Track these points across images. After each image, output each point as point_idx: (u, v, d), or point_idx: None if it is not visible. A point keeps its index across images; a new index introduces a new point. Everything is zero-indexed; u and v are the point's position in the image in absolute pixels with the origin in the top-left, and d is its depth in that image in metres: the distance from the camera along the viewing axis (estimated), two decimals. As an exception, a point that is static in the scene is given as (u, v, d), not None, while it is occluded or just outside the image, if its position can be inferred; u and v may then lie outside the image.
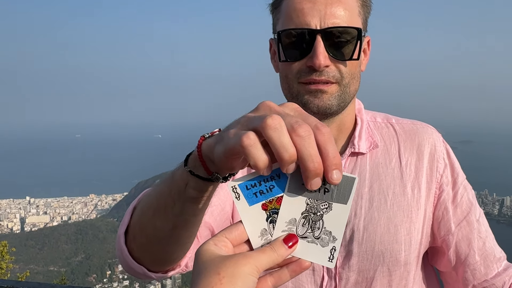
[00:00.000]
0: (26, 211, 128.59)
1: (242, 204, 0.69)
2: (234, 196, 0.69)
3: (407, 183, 1.28)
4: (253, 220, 0.69)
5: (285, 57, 1.18)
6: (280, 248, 0.67)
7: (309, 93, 1.18)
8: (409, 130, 1.35)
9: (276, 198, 0.69)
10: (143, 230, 1.03)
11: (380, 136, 1.35)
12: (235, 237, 0.69)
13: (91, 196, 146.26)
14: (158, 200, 0.97)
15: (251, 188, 0.69)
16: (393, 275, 1.25)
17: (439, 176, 1.30)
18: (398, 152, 1.32)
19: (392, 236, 1.24)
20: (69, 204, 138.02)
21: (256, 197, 0.69)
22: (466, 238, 1.28)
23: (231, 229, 0.69)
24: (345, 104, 1.23)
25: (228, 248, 0.68)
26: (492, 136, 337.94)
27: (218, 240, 0.67)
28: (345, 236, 1.25)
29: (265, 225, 0.69)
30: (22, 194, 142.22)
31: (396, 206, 1.26)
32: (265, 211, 0.69)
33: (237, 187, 0.69)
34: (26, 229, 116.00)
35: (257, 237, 0.69)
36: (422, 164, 1.30)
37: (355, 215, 1.26)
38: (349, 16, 1.16)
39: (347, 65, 1.18)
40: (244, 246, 0.70)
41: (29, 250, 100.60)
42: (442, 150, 1.33)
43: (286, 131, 0.61)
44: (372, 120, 1.38)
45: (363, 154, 1.31)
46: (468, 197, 1.31)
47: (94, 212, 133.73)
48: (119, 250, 1.10)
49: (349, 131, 1.33)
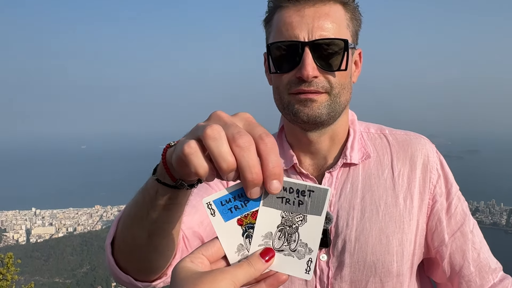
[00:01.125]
0: (31, 222, 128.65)
1: (217, 220, 0.69)
2: (209, 213, 0.69)
3: (400, 194, 1.28)
4: (229, 236, 0.69)
5: (276, 69, 1.21)
6: (257, 262, 0.67)
7: (299, 103, 1.20)
8: (402, 140, 1.36)
9: (251, 213, 0.69)
10: (124, 239, 1.04)
11: (373, 147, 1.35)
12: (212, 254, 0.68)
13: (97, 207, 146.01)
14: (135, 209, 0.98)
15: (225, 203, 0.69)
16: (385, 286, 1.25)
17: (432, 186, 1.30)
18: (391, 162, 1.32)
19: (384, 247, 1.24)
20: (75, 215, 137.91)
21: (231, 212, 0.69)
22: (460, 249, 1.28)
23: (208, 246, 0.69)
24: (336, 114, 1.24)
25: (205, 264, 0.67)
26: (498, 145, 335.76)
27: (195, 257, 0.67)
28: (337, 247, 1.26)
29: (241, 241, 0.69)
30: (28, 205, 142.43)
31: (388, 217, 1.26)
32: (240, 226, 0.69)
33: (212, 203, 0.69)
34: (31, 241, 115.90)
35: (234, 252, 0.69)
36: (415, 175, 1.30)
37: (347, 226, 1.26)
38: (337, 29, 1.19)
39: (336, 75, 1.20)
40: (221, 262, 0.70)
41: (35, 261, 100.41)
42: (436, 160, 1.33)
43: (225, 140, 0.62)
44: (365, 130, 1.39)
45: (356, 164, 1.31)
46: (462, 208, 1.31)
47: (99, 223, 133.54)
48: (107, 260, 1.11)
49: (342, 142, 1.34)
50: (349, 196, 1.29)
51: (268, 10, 1.29)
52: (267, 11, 1.29)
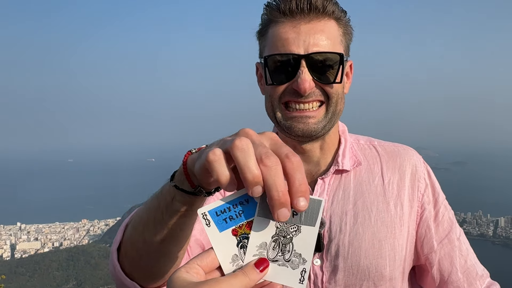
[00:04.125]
0: (16, 237, 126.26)
1: (212, 230, 0.69)
2: (205, 223, 0.69)
3: (390, 200, 1.31)
4: (224, 246, 0.69)
5: (272, 81, 1.22)
6: (252, 272, 0.67)
7: (292, 119, 1.23)
8: (391, 151, 1.40)
9: (246, 223, 0.69)
10: (134, 244, 1.04)
11: (363, 157, 1.39)
12: (207, 264, 0.68)
13: (84, 221, 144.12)
14: (148, 214, 0.99)
15: (221, 214, 0.69)
16: None
17: (421, 195, 1.34)
18: (381, 171, 1.36)
19: (376, 251, 1.26)
20: (61, 230, 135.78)
21: (226, 223, 0.69)
22: (448, 256, 1.32)
23: (203, 256, 0.69)
24: (331, 125, 1.27)
25: (200, 275, 0.67)
26: (485, 156, 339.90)
27: (190, 268, 0.67)
28: (330, 252, 1.28)
29: (236, 251, 0.69)
30: (13, 219, 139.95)
31: (380, 222, 1.29)
32: (235, 237, 0.69)
33: (207, 213, 0.69)
34: (16, 256, 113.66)
35: (229, 263, 0.69)
36: (404, 183, 1.34)
37: (340, 231, 1.28)
38: (332, 44, 1.21)
39: (332, 87, 1.22)
40: (216, 272, 0.70)
41: (19, 277, 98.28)
42: (423, 170, 1.37)
43: (252, 153, 0.63)
44: (355, 142, 1.43)
45: (347, 171, 1.34)
46: (448, 215, 1.35)
47: (86, 237, 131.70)
48: (112, 266, 1.11)
49: (333, 151, 1.37)
50: (342, 202, 1.31)
51: (262, 22, 1.29)
52: (261, 23, 1.30)
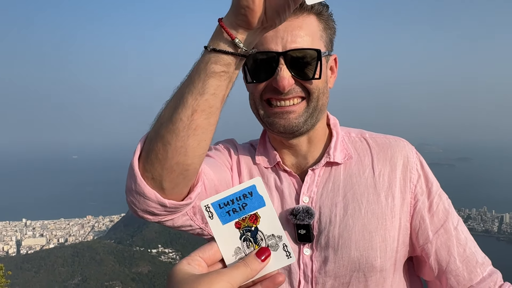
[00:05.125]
0: (22, 233, 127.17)
1: (215, 223, 0.70)
2: (207, 216, 0.70)
3: (381, 192, 1.31)
4: (226, 238, 0.70)
5: (252, 79, 1.23)
6: (253, 262, 0.67)
7: (274, 115, 1.25)
8: (382, 143, 1.38)
9: (249, 216, 0.70)
10: (159, 131, 1.03)
11: (354, 149, 1.38)
12: (209, 256, 0.69)
13: (88, 217, 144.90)
14: (179, 92, 1.01)
15: (224, 206, 0.70)
16: (369, 281, 1.27)
17: (413, 186, 1.32)
18: (372, 163, 1.35)
19: (367, 242, 1.26)
20: (66, 226, 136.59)
21: (229, 215, 0.70)
22: (445, 245, 1.30)
23: (205, 248, 0.69)
24: (315, 120, 1.29)
25: (202, 267, 0.67)
26: (490, 152, 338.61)
27: (192, 260, 0.67)
28: (320, 243, 1.28)
29: (238, 244, 0.70)
30: (19, 216, 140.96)
31: (370, 214, 1.28)
32: (238, 230, 0.70)
33: (210, 206, 0.70)
34: (22, 252, 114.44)
35: (231, 255, 0.70)
36: (395, 175, 1.33)
37: (330, 223, 1.28)
38: (310, 40, 1.22)
39: (312, 83, 1.23)
40: (218, 265, 0.70)
41: (25, 273, 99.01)
42: (415, 161, 1.35)
43: None
44: (346, 135, 1.42)
45: (338, 164, 1.35)
46: (444, 205, 1.33)
47: (91, 234, 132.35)
48: (131, 178, 1.09)
49: (322, 143, 1.38)
50: (331, 194, 1.31)
51: None
52: None
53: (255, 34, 0.94)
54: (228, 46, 0.93)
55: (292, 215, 1.27)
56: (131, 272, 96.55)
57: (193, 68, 0.99)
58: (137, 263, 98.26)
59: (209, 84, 0.95)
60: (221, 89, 0.97)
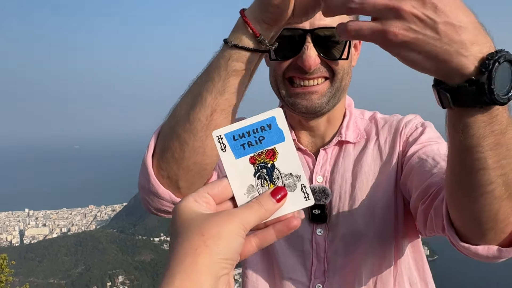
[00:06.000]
0: (25, 223, 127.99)
1: (228, 156, 0.64)
2: (220, 147, 0.64)
3: (386, 161, 1.29)
4: (239, 175, 0.64)
5: (276, 56, 1.18)
6: (268, 202, 0.62)
7: (296, 96, 1.20)
8: (391, 121, 1.37)
9: (265, 151, 0.65)
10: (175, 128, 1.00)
11: (365, 130, 1.37)
12: (218, 193, 0.63)
13: (90, 207, 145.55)
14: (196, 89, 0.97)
15: (238, 138, 0.64)
16: (376, 253, 1.26)
17: (406, 137, 1.29)
18: (378, 136, 1.34)
19: (374, 216, 1.26)
20: (68, 216, 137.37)
21: (244, 149, 0.64)
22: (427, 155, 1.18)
23: (214, 184, 0.63)
24: (336, 100, 1.24)
25: (210, 205, 0.62)
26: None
27: (199, 196, 0.62)
28: (331, 220, 1.27)
29: (252, 181, 0.65)
30: (21, 206, 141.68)
31: (376, 185, 1.27)
32: (253, 165, 0.65)
33: (223, 137, 0.64)
34: (25, 242, 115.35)
35: (243, 193, 0.64)
36: (396, 138, 1.30)
37: (339, 199, 1.28)
38: (339, 18, 1.13)
39: (338, 63, 1.19)
40: (228, 203, 0.65)
41: (29, 262, 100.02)
42: (418, 121, 1.32)
43: None
44: (360, 116, 1.41)
45: (349, 143, 1.34)
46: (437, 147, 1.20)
47: (93, 223, 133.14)
48: (144, 176, 1.07)
49: (338, 123, 1.35)
50: (341, 170, 1.31)
51: None
52: None
53: (278, 29, 0.92)
54: (252, 42, 0.89)
55: None
56: (134, 260, 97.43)
57: (211, 63, 0.94)
58: (140, 252, 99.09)
59: (230, 83, 0.92)
60: (242, 86, 0.94)
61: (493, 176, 0.77)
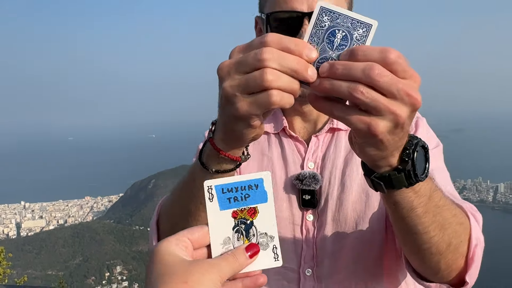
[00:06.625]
0: (21, 216, 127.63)
1: (213, 206, 0.68)
2: (208, 197, 0.68)
3: None
4: (219, 225, 0.68)
5: None
6: (241, 256, 0.66)
7: None
8: None
9: (248, 208, 0.68)
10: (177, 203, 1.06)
11: None
12: (197, 239, 0.67)
13: (87, 198, 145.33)
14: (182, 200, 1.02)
15: (226, 192, 0.68)
16: (367, 242, 1.27)
17: None
18: None
19: (363, 203, 1.26)
20: (65, 208, 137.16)
21: (229, 202, 0.68)
22: None
23: (194, 230, 0.67)
24: None
25: (189, 250, 0.65)
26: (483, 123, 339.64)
27: (180, 240, 0.65)
28: (319, 205, 1.29)
29: (230, 234, 0.68)
30: (17, 199, 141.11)
31: None
32: (234, 219, 0.68)
33: (213, 188, 0.68)
34: (22, 234, 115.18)
35: (219, 244, 0.68)
36: None
37: (329, 185, 1.29)
38: (336, 2, 1.15)
39: None
40: (203, 250, 0.68)
41: (26, 255, 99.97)
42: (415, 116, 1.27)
43: None
44: None
45: (340, 130, 1.34)
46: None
47: (90, 214, 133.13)
48: (152, 241, 1.14)
49: None
50: (332, 157, 1.32)
51: None
52: None
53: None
54: (233, 164, 0.90)
55: (298, 180, 1.28)
56: (131, 251, 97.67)
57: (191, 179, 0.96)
58: (137, 242, 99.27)
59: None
60: None
61: (426, 238, 0.89)
